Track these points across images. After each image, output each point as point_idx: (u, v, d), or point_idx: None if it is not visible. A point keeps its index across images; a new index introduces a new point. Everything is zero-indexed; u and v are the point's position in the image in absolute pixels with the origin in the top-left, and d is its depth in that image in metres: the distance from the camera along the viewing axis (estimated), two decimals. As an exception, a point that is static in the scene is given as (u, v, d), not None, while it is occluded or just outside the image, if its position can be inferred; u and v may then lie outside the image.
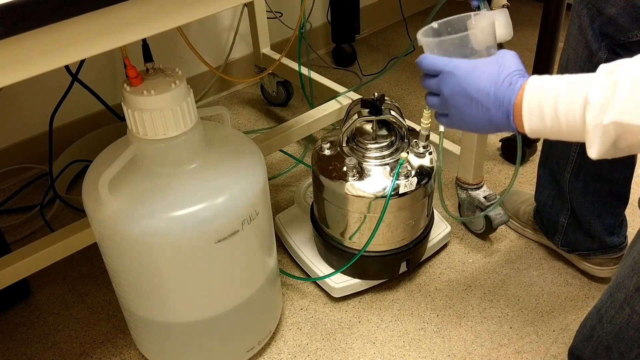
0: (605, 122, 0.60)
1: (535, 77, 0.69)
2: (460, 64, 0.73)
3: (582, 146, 1.10)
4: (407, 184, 1.11)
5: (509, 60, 0.72)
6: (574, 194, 1.17)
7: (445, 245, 1.38)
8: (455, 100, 0.74)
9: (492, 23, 0.79)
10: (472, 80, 0.72)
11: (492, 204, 1.31)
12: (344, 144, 1.17)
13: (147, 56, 0.91)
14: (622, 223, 1.21)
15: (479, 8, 0.98)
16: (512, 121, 0.69)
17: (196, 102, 1.29)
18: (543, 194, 1.25)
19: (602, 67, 0.63)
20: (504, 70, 0.70)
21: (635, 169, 1.15)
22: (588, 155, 0.64)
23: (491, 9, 0.96)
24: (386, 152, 1.14)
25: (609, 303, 0.81)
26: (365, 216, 1.13)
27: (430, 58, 0.76)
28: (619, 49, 0.99)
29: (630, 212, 1.24)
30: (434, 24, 0.82)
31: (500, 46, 0.97)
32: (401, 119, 1.14)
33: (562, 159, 1.16)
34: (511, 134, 1.62)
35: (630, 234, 1.26)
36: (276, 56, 1.73)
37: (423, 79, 0.79)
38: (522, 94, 0.68)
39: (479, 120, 0.73)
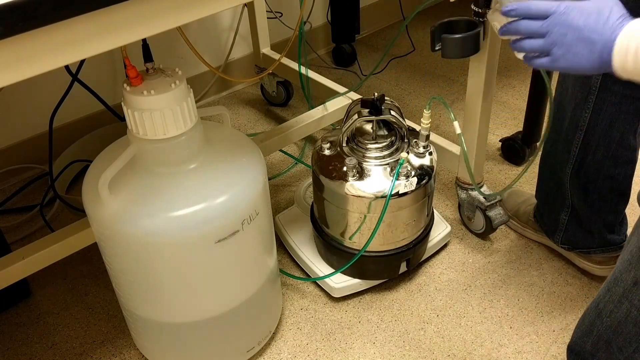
0: None
1: (635, 21, 0.73)
2: (571, 5, 0.78)
3: (583, 141, 1.11)
4: (407, 184, 1.11)
5: (615, 3, 0.76)
6: (575, 190, 1.17)
7: (445, 245, 1.38)
8: (567, 41, 0.78)
9: None
10: (585, 20, 0.76)
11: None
12: (344, 144, 1.17)
13: (147, 56, 0.91)
14: (622, 221, 1.21)
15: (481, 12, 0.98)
16: (612, 58, 0.73)
17: (196, 102, 1.29)
18: (544, 192, 1.25)
19: None
20: (614, 12, 0.75)
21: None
22: None
23: None
24: (386, 152, 1.14)
25: (607, 297, 0.81)
26: (365, 216, 1.13)
27: (538, 3, 0.81)
28: None
29: (630, 210, 1.24)
30: None
31: None
32: (401, 119, 1.14)
33: (564, 155, 1.16)
34: (511, 134, 1.62)
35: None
36: (276, 56, 1.73)
37: (520, 25, 0.82)
38: (619, 34, 0.72)
39: (585, 58, 0.76)
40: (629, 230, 1.24)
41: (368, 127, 1.16)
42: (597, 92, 1.05)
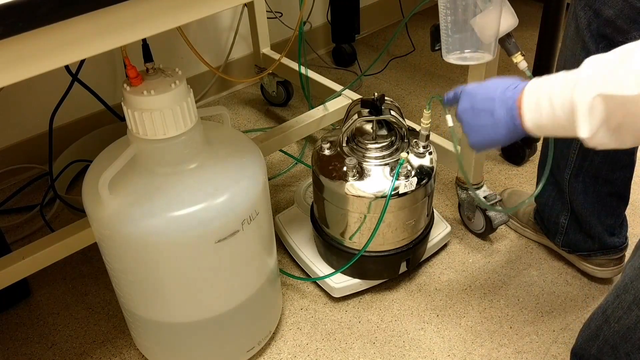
0: (591, 97, 0.61)
1: (537, 78, 0.72)
2: (470, 84, 0.81)
3: (581, 147, 1.10)
4: (407, 184, 1.11)
5: (513, 78, 0.77)
6: (574, 195, 1.17)
7: (445, 245, 1.38)
8: (465, 117, 0.80)
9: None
10: (481, 90, 0.78)
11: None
12: (344, 144, 1.17)
13: (147, 56, 0.91)
14: (622, 224, 1.21)
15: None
16: (517, 117, 0.72)
17: (196, 102, 1.29)
18: (543, 195, 1.25)
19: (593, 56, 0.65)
20: (506, 81, 0.76)
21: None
22: (579, 136, 0.64)
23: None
24: (386, 152, 1.14)
25: (616, 304, 0.81)
26: (365, 216, 1.13)
27: (452, 90, 0.85)
28: None
29: (630, 212, 1.24)
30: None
31: (509, 36, 0.98)
32: (401, 119, 1.14)
33: (562, 160, 1.16)
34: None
35: (631, 234, 1.26)
36: (276, 56, 1.73)
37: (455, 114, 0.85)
38: (523, 92, 0.71)
39: (488, 127, 0.76)
40: (629, 231, 1.24)
41: (368, 127, 1.16)
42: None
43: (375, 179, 1.11)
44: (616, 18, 0.95)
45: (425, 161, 1.15)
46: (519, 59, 0.98)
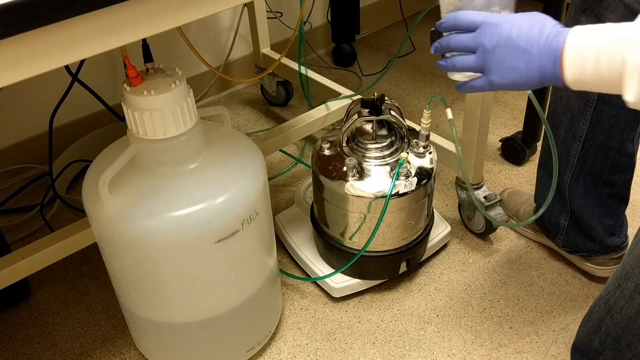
0: None
1: (579, 26, 0.68)
2: (502, 17, 0.73)
3: (582, 150, 1.10)
4: (407, 184, 1.11)
5: (546, 16, 0.72)
6: (574, 197, 1.17)
7: (445, 245, 1.38)
8: (500, 53, 0.72)
9: None
10: (518, 30, 0.71)
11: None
12: (344, 144, 1.17)
13: (147, 56, 0.91)
14: (622, 223, 1.21)
15: None
16: (558, 67, 0.68)
17: (196, 102, 1.29)
18: (543, 196, 1.25)
19: None
20: (548, 22, 0.70)
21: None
22: (624, 98, 0.62)
23: None
24: (386, 152, 1.14)
25: (618, 293, 0.80)
26: (365, 216, 1.13)
27: (467, 13, 0.75)
28: None
29: (630, 212, 1.24)
30: None
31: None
32: (401, 119, 1.14)
33: (561, 163, 1.15)
34: (511, 134, 1.62)
35: (631, 234, 1.26)
36: (276, 56, 1.73)
37: (450, 39, 0.77)
38: (565, 42, 0.67)
39: (523, 71, 0.71)
40: (629, 231, 1.24)
41: (368, 127, 1.16)
42: (595, 105, 1.05)
43: (375, 179, 1.11)
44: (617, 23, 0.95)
45: (425, 161, 1.15)
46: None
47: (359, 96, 1.47)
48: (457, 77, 0.81)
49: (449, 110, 1.05)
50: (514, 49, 0.71)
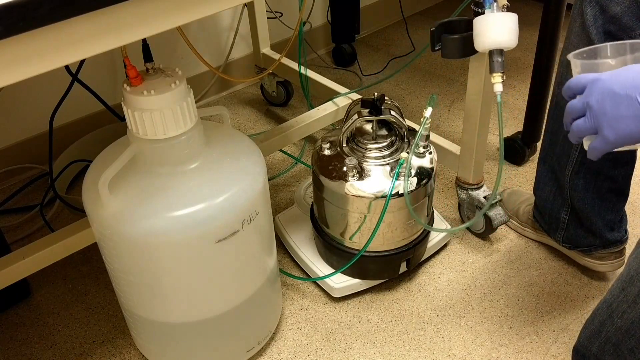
0: None
1: None
2: (604, 73, 0.72)
3: (582, 146, 1.10)
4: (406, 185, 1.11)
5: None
6: (575, 191, 1.17)
7: (445, 245, 1.38)
8: (604, 106, 0.71)
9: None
10: (617, 79, 0.70)
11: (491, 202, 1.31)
12: (344, 144, 1.17)
13: (147, 56, 0.91)
14: (622, 218, 1.22)
15: (481, 11, 0.98)
16: None
17: (196, 102, 1.29)
18: (544, 191, 1.25)
19: None
20: None
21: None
22: None
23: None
24: (386, 152, 1.14)
25: (621, 297, 0.80)
26: (365, 216, 1.13)
27: (577, 76, 0.75)
28: None
29: (630, 212, 1.24)
30: (584, 50, 0.80)
31: (501, 53, 0.96)
32: (401, 119, 1.14)
33: (563, 156, 1.16)
34: (511, 134, 1.62)
35: (631, 234, 1.26)
36: (276, 56, 1.73)
37: (569, 105, 0.77)
38: None
39: (629, 118, 0.69)
40: (630, 231, 1.24)
41: (368, 127, 1.16)
42: None
43: (375, 179, 1.11)
44: (622, 15, 0.95)
45: (425, 161, 1.15)
46: (496, 80, 0.95)
47: (356, 95, 1.47)
48: (586, 144, 0.78)
49: (429, 109, 1.06)
50: (617, 99, 0.69)
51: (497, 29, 0.93)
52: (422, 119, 1.11)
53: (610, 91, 0.69)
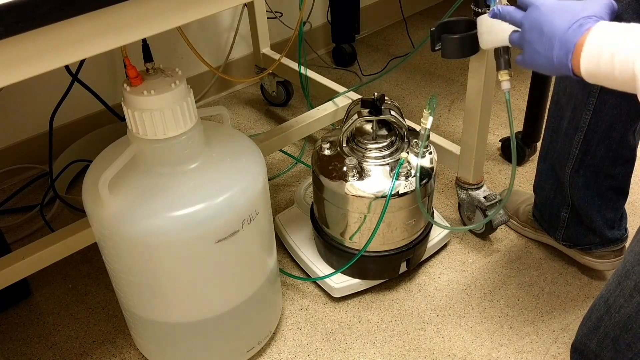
0: None
1: (604, 22, 0.70)
2: (549, 1, 0.76)
3: (583, 142, 1.10)
4: (407, 184, 1.11)
5: (595, 4, 0.73)
6: (575, 189, 1.17)
7: (445, 245, 1.38)
8: (530, 35, 0.76)
9: None
10: (550, 17, 0.74)
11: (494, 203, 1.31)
12: (344, 144, 1.17)
13: (147, 56, 0.91)
14: (622, 217, 1.22)
15: (481, 11, 0.98)
16: (570, 60, 0.71)
17: (196, 102, 1.29)
18: (544, 189, 1.25)
19: None
20: (581, 13, 0.72)
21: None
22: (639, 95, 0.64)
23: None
24: (386, 152, 1.14)
25: (617, 292, 0.80)
26: (365, 216, 1.13)
27: None
28: None
29: (630, 212, 1.24)
30: None
31: (507, 51, 0.97)
32: (401, 119, 1.14)
33: (563, 154, 1.16)
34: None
35: (631, 234, 1.26)
36: (276, 56, 1.73)
37: (507, 11, 0.82)
38: (586, 36, 0.70)
39: (543, 57, 0.75)
40: (630, 231, 1.24)
41: (368, 127, 1.16)
42: (598, 95, 1.05)
43: (375, 179, 1.11)
44: (623, 12, 0.95)
45: (425, 161, 1.15)
46: (504, 77, 0.98)
47: (356, 95, 1.47)
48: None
49: (430, 119, 1.08)
50: (541, 35, 0.74)
51: (502, 26, 0.94)
52: (423, 124, 1.11)
53: (539, 26, 0.75)
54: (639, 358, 0.78)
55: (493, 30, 0.96)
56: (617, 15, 0.95)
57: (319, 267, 1.26)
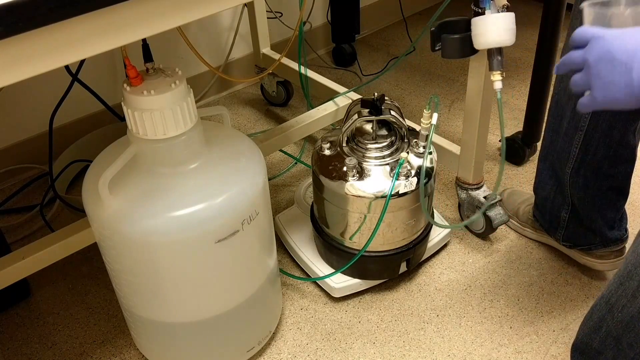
0: None
1: None
2: (611, 30, 0.69)
3: (583, 141, 1.10)
4: (407, 184, 1.11)
5: None
6: (575, 189, 1.17)
7: (445, 245, 1.38)
8: (599, 67, 0.69)
9: None
10: (619, 42, 0.67)
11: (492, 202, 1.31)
12: (344, 144, 1.17)
13: (147, 56, 0.91)
14: (622, 217, 1.22)
15: (480, 11, 0.98)
16: None
17: (196, 102, 1.29)
18: (544, 189, 1.25)
19: None
20: None
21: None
22: None
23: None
24: (386, 152, 1.14)
25: (619, 292, 0.80)
26: (365, 216, 1.13)
27: (583, 28, 0.72)
28: None
29: (630, 212, 1.24)
30: None
31: (500, 52, 0.98)
32: (401, 119, 1.14)
33: (563, 154, 1.16)
34: (511, 134, 1.62)
35: (631, 234, 1.26)
36: (276, 56, 1.73)
37: (564, 57, 0.74)
38: None
39: (621, 86, 0.67)
40: (630, 231, 1.24)
41: (368, 127, 1.16)
42: None
43: (375, 179, 1.11)
44: None
45: (425, 161, 1.15)
46: (496, 77, 0.99)
47: (356, 95, 1.47)
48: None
49: (435, 115, 1.09)
50: (614, 63, 0.67)
51: (495, 28, 0.95)
52: (423, 124, 1.12)
53: (609, 53, 0.67)
54: None
55: (487, 32, 0.97)
56: None
57: (319, 267, 1.26)
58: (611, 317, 0.81)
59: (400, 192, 1.10)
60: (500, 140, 1.67)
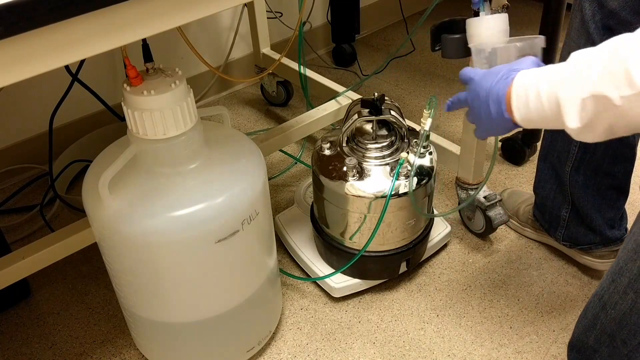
0: (584, 96, 0.62)
1: (525, 70, 0.73)
2: (481, 70, 0.79)
3: (582, 142, 1.10)
4: (407, 184, 1.11)
5: (521, 62, 0.76)
6: (575, 188, 1.17)
7: (445, 245, 1.38)
8: (473, 106, 0.80)
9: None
10: (483, 81, 0.77)
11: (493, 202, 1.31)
12: (344, 144, 1.17)
13: (147, 56, 0.91)
14: (622, 216, 1.22)
15: (477, 11, 0.99)
16: (505, 112, 0.74)
17: (196, 102, 1.29)
18: (544, 188, 1.26)
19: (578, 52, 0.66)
20: (506, 68, 0.75)
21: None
22: (567, 128, 0.66)
23: (492, 10, 0.97)
24: (386, 152, 1.14)
25: (612, 289, 0.80)
26: (365, 216, 1.13)
27: (465, 69, 0.83)
28: None
29: (630, 212, 1.24)
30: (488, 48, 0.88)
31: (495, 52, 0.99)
32: (401, 119, 1.14)
33: (563, 153, 1.16)
34: (512, 133, 1.62)
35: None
36: (276, 56, 1.73)
37: (456, 95, 0.86)
38: (512, 85, 0.73)
39: (485, 118, 0.77)
40: (629, 225, 1.24)
41: (368, 127, 1.16)
42: None
43: (375, 179, 1.11)
44: (620, 10, 0.95)
45: (425, 161, 1.16)
46: None
47: (356, 95, 1.47)
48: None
49: (429, 121, 1.10)
50: (479, 100, 0.78)
51: (486, 29, 0.96)
52: (423, 124, 1.12)
53: (476, 93, 0.78)
54: (634, 354, 0.79)
55: (480, 33, 0.97)
56: (614, 13, 0.96)
57: (319, 267, 1.26)
58: (604, 314, 0.82)
59: (400, 192, 1.10)
60: (500, 140, 1.67)
